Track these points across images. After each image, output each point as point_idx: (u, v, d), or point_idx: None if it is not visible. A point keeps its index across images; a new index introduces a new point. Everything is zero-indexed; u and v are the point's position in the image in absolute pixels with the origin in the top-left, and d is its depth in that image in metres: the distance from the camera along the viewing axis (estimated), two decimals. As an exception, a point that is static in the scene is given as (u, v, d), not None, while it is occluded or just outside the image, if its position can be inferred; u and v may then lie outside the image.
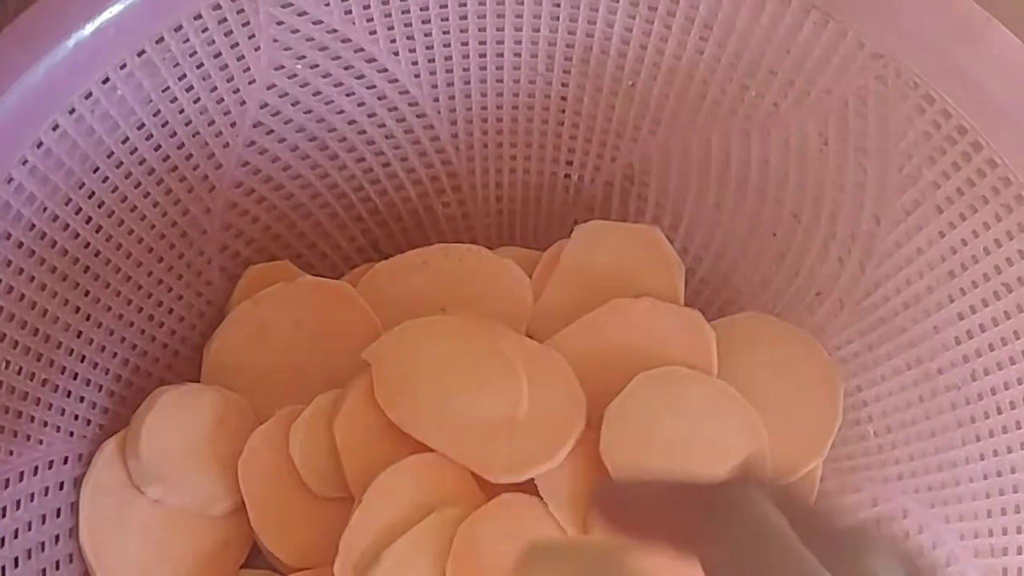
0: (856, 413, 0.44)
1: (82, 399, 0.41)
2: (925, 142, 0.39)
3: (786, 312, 0.46)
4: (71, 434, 0.41)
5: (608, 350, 0.43)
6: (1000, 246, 0.38)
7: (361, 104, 0.45)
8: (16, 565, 0.38)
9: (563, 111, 0.46)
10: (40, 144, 0.36)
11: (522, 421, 0.40)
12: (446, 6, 0.42)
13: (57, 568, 0.39)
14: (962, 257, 0.39)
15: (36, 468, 0.39)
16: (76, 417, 0.41)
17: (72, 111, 0.37)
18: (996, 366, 0.39)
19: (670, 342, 0.43)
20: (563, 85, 0.46)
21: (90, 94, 0.37)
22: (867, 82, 0.39)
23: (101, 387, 0.42)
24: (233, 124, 0.42)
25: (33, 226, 0.37)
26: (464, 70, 0.45)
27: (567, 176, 0.47)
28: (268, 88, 0.42)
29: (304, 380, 0.44)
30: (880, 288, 0.43)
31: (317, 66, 0.42)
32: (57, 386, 0.40)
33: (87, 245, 0.40)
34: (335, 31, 0.42)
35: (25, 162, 0.36)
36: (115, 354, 0.42)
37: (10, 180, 0.36)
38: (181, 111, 0.40)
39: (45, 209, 0.38)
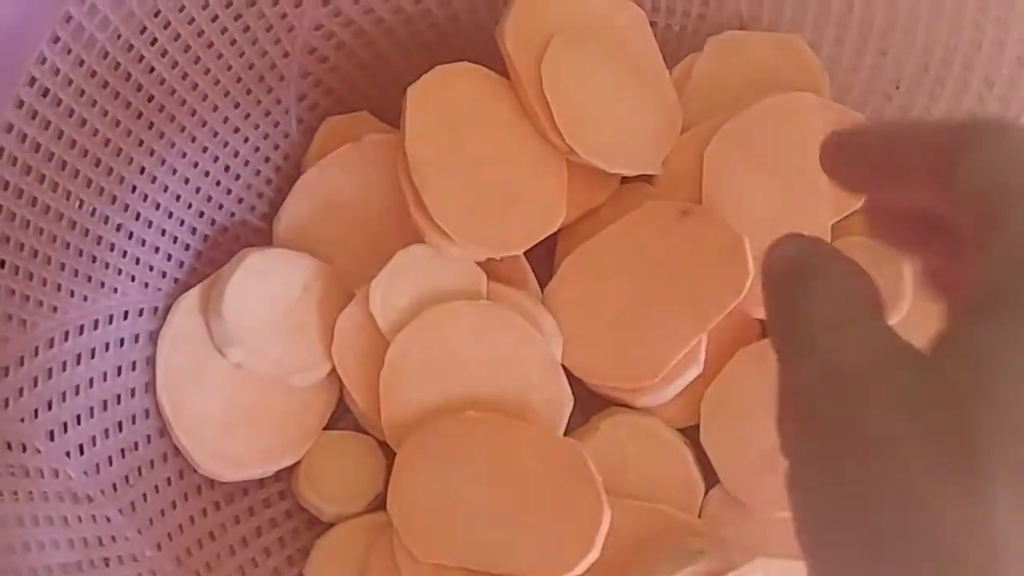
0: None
1: (157, 249, 0.39)
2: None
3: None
4: (146, 285, 0.39)
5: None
6: None
7: (451, -59, 0.41)
8: (92, 415, 0.36)
9: (667, -50, 0.43)
10: (113, -37, 0.33)
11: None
12: None
13: (133, 422, 0.37)
14: (1120, 99, 0.36)
15: (111, 317, 0.37)
16: (151, 268, 0.39)
17: (146, -71, 0.34)
18: None
19: None
20: (669, -80, 0.42)
21: (164, -91, 0.34)
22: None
23: (176, 239, 0.40)
24: (314, -45, 0.39)
25: (107, 54, 0.35)
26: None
27: (668, 26, 0.43)
28: (352, -84, 0.39)
29: (380, 240, 0.41)
30: (1019, 142, 0.39)
31: None
32: (131, 233, 0.38)
33: (162, 82, 0.37)
34: None
35: (98, -18, 0.33)
36: (190, 205, 0.40)
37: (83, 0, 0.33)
38: (260, -64, 0.37)
39: (119, 36, 0.35)
